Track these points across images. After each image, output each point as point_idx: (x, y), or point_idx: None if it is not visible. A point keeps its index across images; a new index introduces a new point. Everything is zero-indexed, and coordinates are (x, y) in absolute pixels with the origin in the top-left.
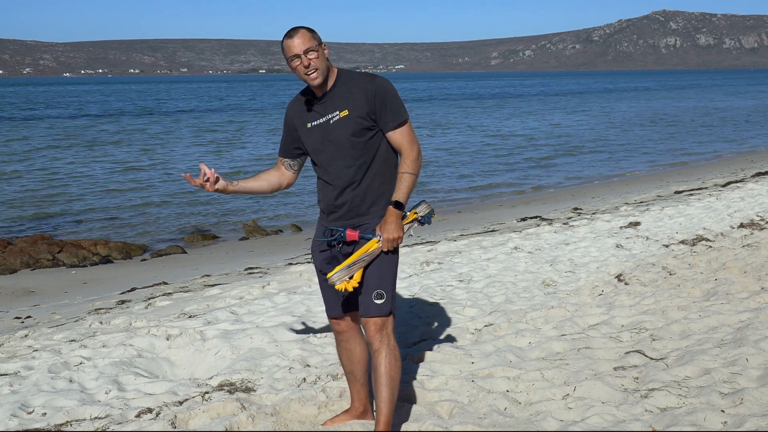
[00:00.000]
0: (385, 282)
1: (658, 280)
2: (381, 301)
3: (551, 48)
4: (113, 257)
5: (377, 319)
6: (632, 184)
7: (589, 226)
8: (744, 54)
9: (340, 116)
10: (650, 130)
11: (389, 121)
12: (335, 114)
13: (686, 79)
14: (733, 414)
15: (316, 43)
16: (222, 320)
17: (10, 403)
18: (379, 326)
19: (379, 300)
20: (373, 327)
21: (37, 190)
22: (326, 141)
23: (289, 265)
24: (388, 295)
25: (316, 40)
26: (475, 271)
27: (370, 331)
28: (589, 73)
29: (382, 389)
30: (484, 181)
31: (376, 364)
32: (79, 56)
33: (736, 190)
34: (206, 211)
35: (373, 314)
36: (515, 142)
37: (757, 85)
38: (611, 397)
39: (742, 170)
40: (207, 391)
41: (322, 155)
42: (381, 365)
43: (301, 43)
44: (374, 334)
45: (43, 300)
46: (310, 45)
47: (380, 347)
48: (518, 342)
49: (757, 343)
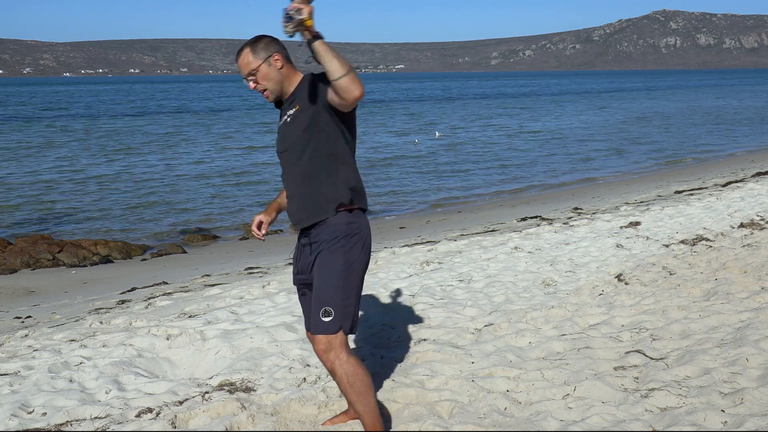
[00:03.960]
0: (334, 297)
1: (659, 279)
2: (328, 318)
3: (551, 48)
4: (113, 257)
5: (322, 338)
6: (632, 184)
7: (590, 225)
8: (744, 54)
9: (294, 111)
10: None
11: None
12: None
13: (699, 79)
14: (733, 414)
15: (260, 62)
16: (222, 320)
17: (10, 403)
18: (325, 346)
19: (326, 317)
20: (319, 346)
21: (38, 189)
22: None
23: (289, 265)
24: (337, 313)
25: (260, 58)
26: (476, 271)
27: (317, 349)
28: (595, 73)
29: (354, 405)
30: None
31: (337, 383)
32: (79, 56)
33: (737, 189)
34: (206, 211)
35: (319, 331)
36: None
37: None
38: (611, 396)
39: (742, 170)
40: (207, 391)
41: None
42: (340, 383)
43: (244, 66)
44: (321, 354)
45: (44, 300)
46: (250, 69)
47: (332, 366)
48: (518, 342)
49: (757, 343)
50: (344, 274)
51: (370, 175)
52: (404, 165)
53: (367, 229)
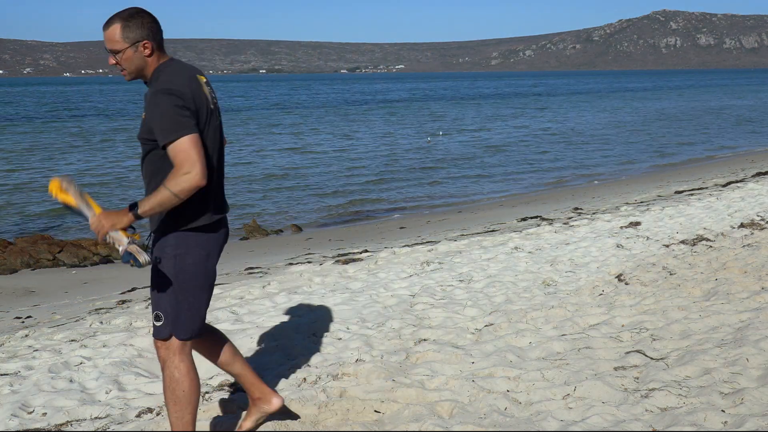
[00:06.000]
0: (162, 304)
1: (659, 280)
2: (159, 323)
3: (551, 48)
4: (113, 257)
5: (157, 341)
6: (632, 184)
7: (590, 225)
8: (744, 54)
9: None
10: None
11: (159, 140)
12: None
13: (708, 79)
14: (734, 414)
15: (127, 45)
16: (222, 320)
17: (10, 403)
18: (160, 348)
19: (157, 322)
20: (157, 346)
21: (38, 189)
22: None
23: (289, 265)
24: (166, 319)
25: (128, 41)
26: (476, 271)
27: (156, 349)
28: (597, 73)
29: (168, 410)
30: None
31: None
32: (79, 56)
33: (737, 189)
34: None
35: (154, 335)
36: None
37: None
38: (611, 397)
39: (742, 170)
40: (207, 391)
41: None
42: (163, 381)
43: (109, 41)
44: (158, 354)
45: (44, 300)
46: (114, 48)
47: (162, 366)
48: (518, 342)
49: (757, 343)
50: (177, 282)
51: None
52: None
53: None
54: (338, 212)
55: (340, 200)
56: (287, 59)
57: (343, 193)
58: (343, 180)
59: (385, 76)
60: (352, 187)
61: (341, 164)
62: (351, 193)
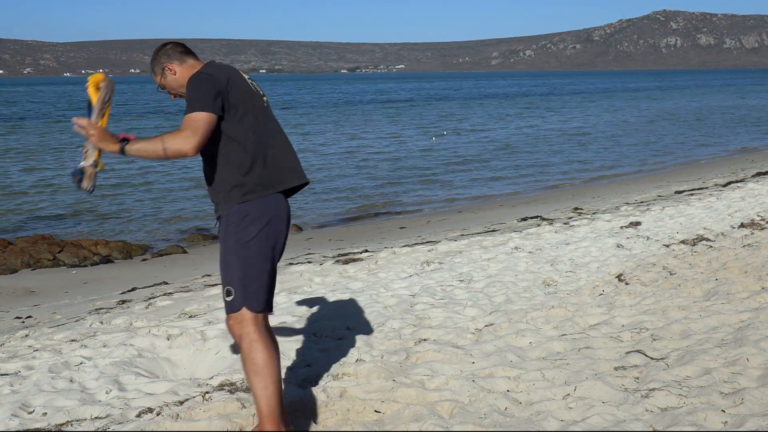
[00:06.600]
0: (229, 278)
1: (659, 279)
2: (230, 297)
3: (552, 48)
4: (114, 257)
5: (230, 319)
6: (632, 184)
7: (590, 225)
8: (744, 54)
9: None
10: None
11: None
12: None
13: (710, 78)
14: (734, 414)
15: (158, 76)
16: (223, 320)
17: (10, 403)
18: (233, 325)
19: (228, 297)
20: (230, 325)
21: (38, 189)
22: None
23: (290, 265)
24: (236, 292)
25: (157, 73)
26: (476, 271)
27: (228, 325)
28: (598, 73)
29: (251, 384)
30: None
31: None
32: (79, 56)
33: (737, 189)
34: (207, 211)
35: (227, 311)
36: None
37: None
38: (612, 396)
39: (742, 170)
40: (208, 391)
41: None
42: (242, 356)
43: (151, 71)
44: (232, 332)
45: (44, 300)
46: (155, 80)
47: (239, 342)
48: (519, 342)
49: (757, 343)
50: (238, 252)
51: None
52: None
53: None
54: (339, 212)
55: (340, 200)
56: (287, 59)
57: (343, 193)
58: (343, 180)
59: (386, 76)
60: (352, 187)
61: (341, 164)
62: (350, 192)
